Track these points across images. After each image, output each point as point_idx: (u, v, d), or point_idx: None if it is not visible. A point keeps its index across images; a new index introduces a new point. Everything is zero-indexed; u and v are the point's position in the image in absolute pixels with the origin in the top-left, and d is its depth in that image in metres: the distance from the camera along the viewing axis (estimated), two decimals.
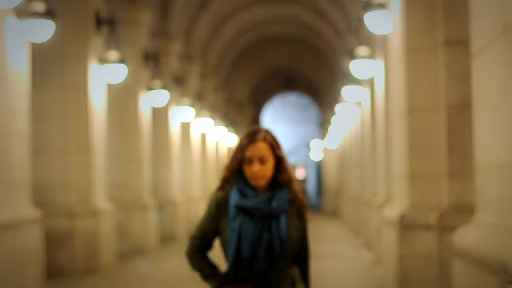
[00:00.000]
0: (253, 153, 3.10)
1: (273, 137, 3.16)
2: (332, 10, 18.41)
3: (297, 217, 3.15)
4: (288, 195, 3.13)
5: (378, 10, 8.23)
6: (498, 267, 3.49)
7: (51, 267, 8.68)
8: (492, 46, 3.76)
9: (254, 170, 3.08)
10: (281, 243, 3.06)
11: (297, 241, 3.14)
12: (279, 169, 3.16)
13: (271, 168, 3.13)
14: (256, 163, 3.09)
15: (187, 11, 17.01)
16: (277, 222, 3.07)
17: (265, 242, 3.05)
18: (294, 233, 3.11)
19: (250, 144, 3.11)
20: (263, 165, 3.10)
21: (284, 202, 3.11)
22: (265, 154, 3.11)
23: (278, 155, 3.16)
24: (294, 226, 3.12)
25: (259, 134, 3.13)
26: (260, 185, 3.12)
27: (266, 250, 3.05)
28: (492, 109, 3.86)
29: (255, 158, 3.10)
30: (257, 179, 3.10)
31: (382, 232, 8.48)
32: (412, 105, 6.68)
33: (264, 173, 3.10)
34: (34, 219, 7.48)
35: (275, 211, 3.07)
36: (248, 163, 3.11)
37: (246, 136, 3.13)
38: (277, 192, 3.12)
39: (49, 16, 7.64)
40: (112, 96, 11.66)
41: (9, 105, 6.84)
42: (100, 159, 10.25)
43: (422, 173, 6.61)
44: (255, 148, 3.10)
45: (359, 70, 11.11)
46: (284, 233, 3.07)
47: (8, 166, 6.77)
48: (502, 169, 3.70)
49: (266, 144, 3.13)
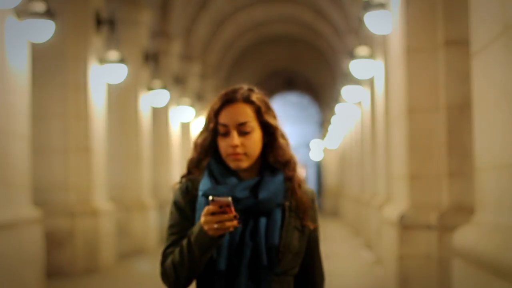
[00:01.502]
0: (230, 119, 2.16)
1: (261, 96, 2.22)
2: (332, 10, 18.40)
3: (300, 217, 2.21)
4: (283, 182, 2.19)
5: (378, 10, 8.22)
6: (498, 267, 3.49)
7: (51, 267, 8.68)
8: (492, 45, 3.76)
9: (231, 144, 2.14)
10: (271, 253, 2.13)
11: (299, 253, 2.19)
12: (271, 145, 2.20)
13: (258, 142, 2.18)
14: (234, 134, 2.14)
15: (187, 11, 17.00)
16: (267, 221, 2.15)
17: (248, 250, 2.12)
18: (294, 239, 2.17)
19: (225, 107, 2.17)
20: (245, 136, 2.15)
21: (277, 192, 2.16)
22: (248, 120, 2.16)
23: (268, 122, 2.20)
24: (294, 229, 2.19)
25: (239, 92, 2.19)
26: (241, 168, 2.16)
27: (249, 263, 2.12)
28: (492, 109, 3.85)
29: (233, 126, 2.15)
30: (237, 157, 2.15)
31: (382, 232, 8.48)
32: (412, 105, 6.67)
33: (246, 148, 2.15)
34: (34, 219, 7.47)
35: (263, 203, 2.13)
36: (224, 134, 2.17)
37: (221, 97, 2.20)
38: (267, 178, 2.17)
39: (49, 16, 7.64)
40: (112, 96, 11.66)
41: (9, 105, 6.84)
42: (100, 159, 10.25)
43: (422, 173, 6.61)
44: (233, 112, 2.16)
45: (359, 70, 11.10)
46: (277, 237, 2.14)
47: (8, 166, 6.76)
48: (502, 169, 3.70)
49: (249, 106, 2.18)
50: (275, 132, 2.22)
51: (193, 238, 2.07)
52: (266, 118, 2.21)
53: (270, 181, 2.18)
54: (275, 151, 2.21)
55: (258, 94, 2.22)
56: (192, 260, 2.10)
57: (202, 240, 2.06)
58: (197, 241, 2.07)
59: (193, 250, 2.08)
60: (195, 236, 2.07)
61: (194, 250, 2.08)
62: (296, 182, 2.22)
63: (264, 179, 2.18)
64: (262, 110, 2.20)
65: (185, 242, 2.11)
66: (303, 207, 2.22)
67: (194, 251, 2.08)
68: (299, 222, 2.21)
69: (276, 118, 2.25)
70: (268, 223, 2.16)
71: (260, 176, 2.20)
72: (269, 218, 2.16)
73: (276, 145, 2.21)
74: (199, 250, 2.07)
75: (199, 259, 2.09)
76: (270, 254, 2.13)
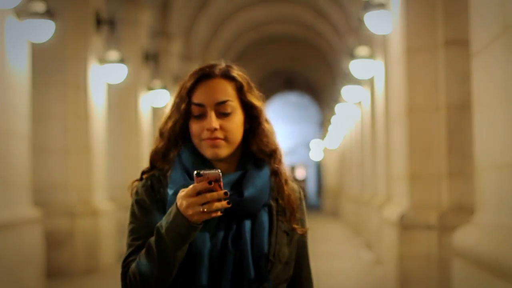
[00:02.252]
0: (207, 97, 1.81)
1: (243, 73, 1.89)
2: (332, 10, 18.40)
3: (287, 219, 1.86)
4: (269, 177, 1.84)
5: (378, 10, 8.23)
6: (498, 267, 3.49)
7: (51, 267, 8.68)
8: (492, 45, 3.76)
9: (209, 127, 1.78)
10: (258, 263, 1.77)
11: (289, 262, 1.85)
12: (254, 131, 1.86)
13: (240, 126, 1.83)
14: (212, 115, 1.79)
15: (187, 11, 17.00)
16: (252, 225, 1.79)
17: (230, 260, 1.75)
18: (284, 246, 1.84)
19: (200, 83, 1.84)
20: (224, 118, 1.80)
21: (264, 189, 1.81)
22: (228, 99, 1.82)
23: (252, 103, 1.85)
24: (283, 234, 1.84)
25: (217, 67, 1.87)
26: (219, 156, 1.80)
27: (232, 276, 1.76)
28: (492, 109, 3.85)
29: (210, 106, 1.80)
30: (215, 143, 1.79)
31: (382, 232, 8.48)
32: (412, 105, 6.67)
33: (227, 132, 1.80)
34: (34, 219, 7.47)
35: (249, 203, 1.77)
36: (198, 117, 1.82)
37: (194, 72, 1.88)
38: (251, 171, 1.82)
39: (49, 16, 7.64)
40: (112, 96, 11.66)
41: (9, 105, 6.84)
42: (100, 159, 10.25)
43: (422, 173, 6.61)
44: (210, 89, 1.82)
45: (359, 70, 11.11)
46: (265, 244, 1.79)
47: (8, 166, 6.76)
48: (502, 169, 3.69)
49: (229, 82, 1.84)
50: (259, 115, 1.86)
51: (165, 229, 1.68)
52: (249, 98, 1.85)
53: (256, 176, 1.81)
54: (259, 138, 1.85)
55: (238, 70, 1.88)
56: (164, 259, 1.70)
57: (178, 229, 1.67)
58: (171, 231, 1.68)
59: (166, 245, 1.68)
60: (168, 225, 1.68)
61: (167, 245, 1.68)
62: (283, 177, 1.87)
63: (249, 173, 1.81)
64: (245, 88, 1.85)
65: (153, 238, 1.72)
66: (290, 208, 1.86)
67: (166, 246, 1.68)
68: (287, 226, 1.85)
69: (260, 100, 1.89)
70: (253, 227, 1.78)
71: (243, 169, 1.82)
72: (254, 221, 1.79)
73: (260, 130, 1.85)
74: (173, 244, 1.68)
75: (172, 256, 1.69)
76: (257, 265, 1.76)
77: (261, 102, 1.89)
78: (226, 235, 1.77)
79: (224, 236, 1.77)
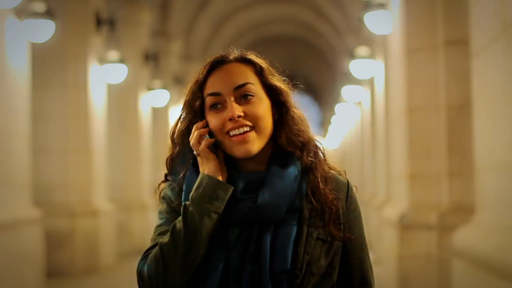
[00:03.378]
0: (222, 83, 1.58)
1: (262, 60, 1.67)
2: (332, 10, 18.40)
3: (326, 223, 1.58)
4: (298, 176, 1.58)
5: (378, 10, 8.22)
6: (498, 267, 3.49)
7: (51, 267, 8.68)
8: (492, 46, 3.76)
9: (231, 114, 1.54)
10: (279, 279, 1.51)
11: (329, 271, 1.58)
12: (282, 120, 1.61)
13: (268, 113, 1.58)
14: (231, 102, 1.55)
15: (187, 11, 17.00)
16: (275, 235, 1.54)
17: (246, 279, 1.52)
18: (319, 255, 1.56)
19: (213, 72, 1.62)
20: (248, 103, 1.56)
21: (287, 192, 1.55)
22: (249, 81, 1.58)
23: (276, 86, 1.62)
24: (317, 242, 1.56)
25: (231, 54, 1.64)
26: (251, 153, 1.55)
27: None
28: (492, 109, 3.85)
29: (228, 92, 1.57)
30: (244, 137, 1.54)
31: (382, 232, 8.48)
32: (412, 105, 6.67)
33: (255, 119, 1.55)
34: (34, 219, 7.47)
35: (264, 210, 1.52)
36: (214, 107, 1.58)
37: (206, 64, 1.66)
38: (273, 170, 1.56)
39: (49, 16, 7.64)
40: (112, 96, 11.66)
41: (9, 105, 6.84)
42: (100, 159, 10.25)
43: (422, 173, 6.61)
44: (226, 74, 1.59)
45: (359, 70, 11.10)
46: (289, 256, 1.52)
47: (8, 166, 6.76)
48: (502, 169, 3.69)
49: (247, 66, 1.61)
50: (286, 100, 1.60)
51: (190, 198, 1.55)
52: (272, 81, 1.61)
53: (277, 176, 1.54)
54: (289, 127, 1.59)
55: (256, 57, 1.66)
56: (191, 230, 1.50)
57: (204, 190, 1.53)
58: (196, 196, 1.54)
59: (192, 214, 1.51)
60: (192, 193, 1.55)
61: (194, 213, 1.51)
62: (319, 173, 1.59)
63: (270, 174, 1.55)
64: (265, 71, 1.62)
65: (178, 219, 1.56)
66: (329, 210, 1.58)
67: (193, 214, 1.51)
68: (323, 231, 1.57)
69: (284, 84, 1.65)
70: (275, 237, 1.52)
71: (267, 168, 1.57)
72: (277, 230, 1.53)
73: (289, 118, 1.59)
74: (200, 208, 1.52)
75: (200, 224, 1.50)
76: (278, 282, 1.50)
77: (286, 85, 1.65)
78: (245, 248, 1.53)
79: (243, 249, 1.53)
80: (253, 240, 1.53)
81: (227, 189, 1.54)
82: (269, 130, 1.58)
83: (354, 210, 1.67)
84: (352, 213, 1.66)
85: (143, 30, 13.17)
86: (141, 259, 1.61)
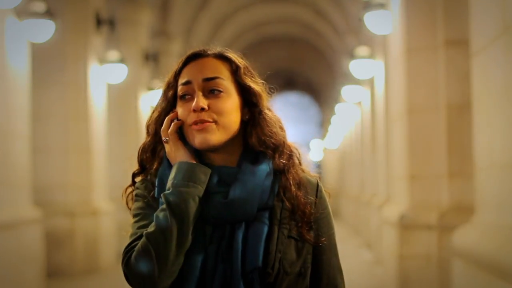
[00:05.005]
0: (193, 74, 1.60)
1: (241, 58, 1.68)
2: (332, 10, 18.40)
3: (300, 225, 1.59)
4: (271, 172, 1.58)
5: (378, 10, 8.22)
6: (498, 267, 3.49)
7: (51, 267, 8.68)
8: (492, 45, 3.76)
9: (195, 106, 1.55)
10: (251, 279, 1.50)
11: (303, 271, 1.58)
12: (254, 121, 1.61)
13: (235, 110, 1.59)
14: (198, 94, 1.57)
15: (187, 11, 17.00)
16: (247, 234, 1.53)
17: (219, 277, 1.52)
18: (291, 254, 1.56)
19: (190, 63, 1.64)
20: (214, 98, 1.57)
21: (257, 188, 1.54)
22: (219, 76, 1.59)
23: (248, 86, 1.62)
24: (290, 240, 1.57)
25: (210, 49, 1.66)
26: (210, 144, 1.55)
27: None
28: (492, 109, 3.85)
29: (197, 83, 1.59)
30: (203, 127, 1.55)
31: (382, 232, 8.48)
32: (412, 105, 6.67)
33: (218, 113, 1.56)
34: (34, 219, 7.47)
35: (236, 206, 1.53)
36: (184, 97, 1.61)
37: (186, 55, 1.68)
38: (244, 168, 1.57)
39: (49, 16, 7.64)
40: (112, 96, 11.66)
41: (9, 105, 6.84)
42: (100, 159, 10.25)
43: (422, 173, 6.61)
44: (198, 66, 1.61)
45: (359, 70, 11.11)
46: (260, 254, 1.51)
47: (8, 166, 6.76)
48: (502, 169, 3.69)
49: (222, 62, 1.63)
50: (258, 101, 1.61)
51: (173, 183, 1.54)
52: (245, 80, 1.61)
53: (248, 173, 1.54)
54: (260, 127, 1.59)
55: (236, 55, 1.66)
56: (178, 218, 1.49)
57: (188, 175, 1.53)
58: (179, 180, 1.54)
59: (176, 202, 1.51)
60: (173, 179, 1.55)
61: (178, 201, 1.51)
62: (291, 175, 1.60)
63: (241, 170, 1.55)
64: (241, 69, 1.62)
65: (158, 210, 1.55)
66: (300, 213, 1.58)
67: (177, 203, 1.51)
68: (295, 230, 1.58)
69: (260, 85, 1.66)
70: (247, 234, 1.52)
71: (239, 164, 1.58)
72: (249, 228, 1.52)
73: (260, 119, 1.60)
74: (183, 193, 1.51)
75: (185, 211, 1.50)
76: (250, 281, 1.49)
77: (261, 87, 1.65)
78: (219, 245, 1.53)
79: (216, 249, 1.53)
80: (225, 238, 1.53)
81: (207, 171, 1.55)
82: (234, 127, 1.58)
83: (323, 210, 1.66)
84: (321, 213, 1.65)
85: (143, 30, 13.17)
86: (125, 252, 1.58)
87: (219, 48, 1.66)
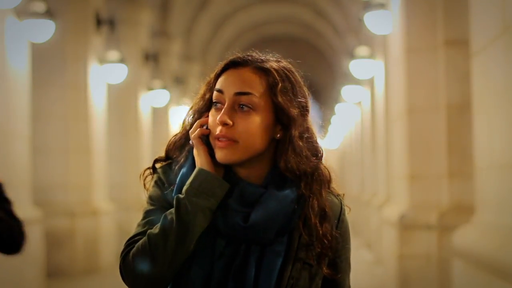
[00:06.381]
0: (227, 84, 1.54)
1: (287, 71, 1.59)
2: (332, 10, 18.40)
3: (315, 256, 1.56)
4: (295, 199, 1.52)
5: (378, 10, 8.22)
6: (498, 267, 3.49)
7: (51, 267, 8.68)
8: (492, 45, 3.76)
9: (219, 119, 1.50)
10: None
11: None
12: (284, 144, 1.54)
13: (261, 129, 1.51)
14: (226, 106, 1.52)
15: (187, 11, 17.00)
16: (262, 256, 1.51)
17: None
18: (304, 281, 1.54)
19: (226, 71, 1.57)
20: (241, 114, 1.51)
21: (279, 214, 1.50)
22: (252, 92, 1.51)
23: (282, 107, 1.53)
24: (303, 267, 1.54)
25: (254, 56, 1.59)
26: (227, 161, 1.52)
27: None
28: (492, 109, 3.85)
29: (229, 94, 1.52)
30: (221, 144, 1.51)
31: (382, 232, 8.48)
32: (412, 105, 6.67)
33: (238, 132, 1.50)
34: (34, 219, 7.47)
35: (255, 230, 1.49)
36: (215, 106, 1.56)
37: (227, 60, 1.60)
38: (271, 191, 1.52)
39: (49, 16, 7.64)
40: (112, 96, 11.66)
41: (9, 105, 6.84)
42: (100, 159, 10.25)
43: (422, 173, 6.61)
44: (234, 77, 1.54)
45: (359, 70, 11.10)
46: (273, 281, 1.49)
47: (8, 166, 6.76)
48: (502, 169, 3.69)
49: (261, 76, 1.54)
50: (290, 127, 1.52)
51: (187, 190, 1.50)
52: (281, 100, 1.51)
53: (273, 198, 1.50)
54: (287, 154, 1.52)
55: (282, 64, 1.58)
56: (183, 227, 1.46)
57: (204, 186, 1.49)
58: (194, 189, 1.50)
59: (186, 206, 1.48)
60: (189, 185, 1.51)
61: (187, 205, 1.48)
62: (315, 203, 1.54)
63: (267, 193, 1.51)
64: (279, 86, 1.52)
65: (170, 211, 1.52)
66: (319, 242, 1.55)
67: (187, 211, 1.48)
68: (311, 255, 1.55)
69: (297, 108, 1.55)
70: (262, 258, 1.49)
71: (264, 185, 1.53)
72: (265, 251, 1.50)
73: (289, 146, 1.52)
74: (194, 203, 1.48)
75: (192, 222, 1.47)
76: None
77: (298, 111, 1.54)
78: (229, 264, 1.49)
79: (226, 265, 1.49)
80: (239, 256, 1.50)
81: (224, 187, 1.51)
82: (258, 148, 1.52)
83: (344, 236, 1.67)
84: (343, 240, 1.66)
85: (143, 30, 13.16)
86: (127, 244, 1.57)
87: (264, 56, 1.59)
